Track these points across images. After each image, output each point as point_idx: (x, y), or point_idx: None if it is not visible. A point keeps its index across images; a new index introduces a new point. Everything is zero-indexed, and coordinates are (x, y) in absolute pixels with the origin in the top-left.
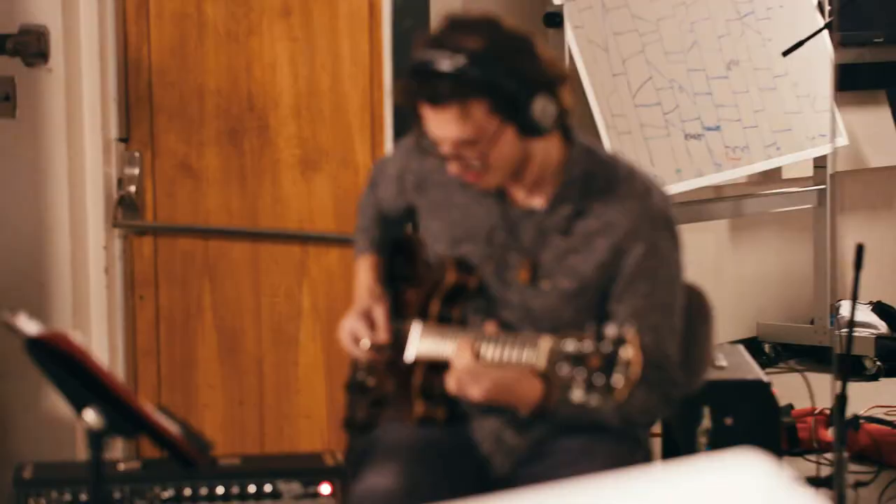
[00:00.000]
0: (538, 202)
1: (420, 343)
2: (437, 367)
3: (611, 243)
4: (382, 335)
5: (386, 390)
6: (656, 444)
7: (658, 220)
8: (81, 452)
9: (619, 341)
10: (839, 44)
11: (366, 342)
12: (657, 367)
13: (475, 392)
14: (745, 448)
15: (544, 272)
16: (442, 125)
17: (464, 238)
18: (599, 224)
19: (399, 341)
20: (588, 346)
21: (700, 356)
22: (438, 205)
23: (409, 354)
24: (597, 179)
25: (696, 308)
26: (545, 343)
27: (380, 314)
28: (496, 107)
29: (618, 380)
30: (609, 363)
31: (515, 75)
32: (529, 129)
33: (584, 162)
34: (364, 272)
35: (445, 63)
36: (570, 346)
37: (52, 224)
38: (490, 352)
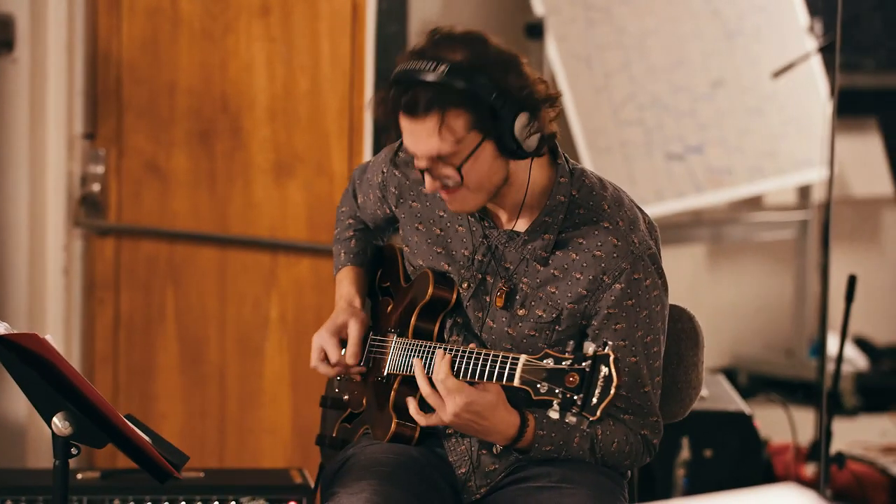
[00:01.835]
0: (520, 225)
1: (395, 357)
2: (411, 383)
3: (590, 278)
4: (351, 358)
5: (360, 405)
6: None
7: (640, 257)
8: (33, 460)
9: (599, 359)
10: (841, 67)
11: (329, 364)
12: (637, 410)
13: (446, 413)
14: (788, 483)
15: (521, 299)
16: (419, 138)
17: (443, 254)
18: (579, 256)
19: (376, 355)
20: (566, 363)
21: (688, 382)
22: (419, 217)
23: (385, 369)
24: (581, 207)
25: (684, 332)
26: (522, 359)
27: (353, 333)
28: (476, 121)
29: (595, 397)
30: (587, 381)
31: (499, 90)
32: (510, 148)
33: (570, 187)
34: (346, 284)
35: (426, 73)
36: (548, 362)
37: (10, 221)
38: (464, 366)
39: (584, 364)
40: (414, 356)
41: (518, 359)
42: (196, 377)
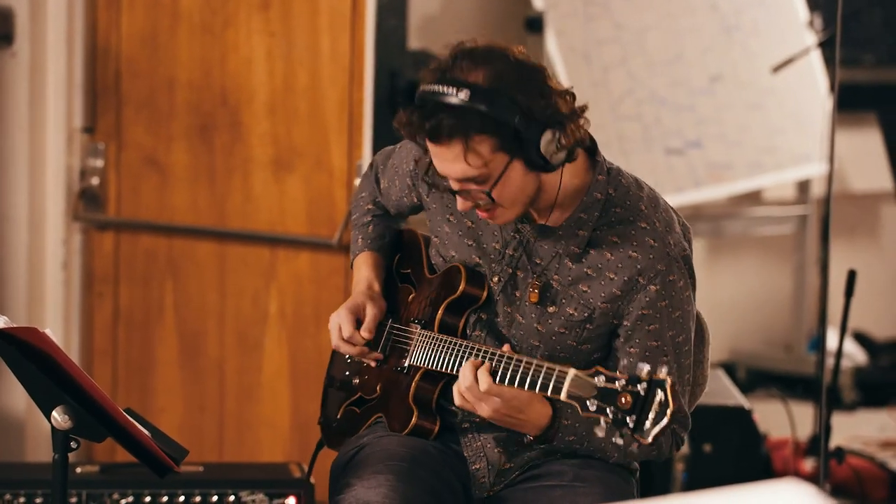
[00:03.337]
0: (554, 220)
1: (419, 350)
2: (433, 377)
3: (624, 279)
4: (366, 334)
5: (373, 391)
6: None
7: (676, 258)
8: (32, 454)
9: (655, 383)
10: (840, 61)
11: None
12: None
13: (484, 410)
14: (790, 479)
15: (552, 296)
16: (446, 162)
17: (474, 247)
18: (614, 257)
19: (396, 344)
20: (619, 382)
21: (694, 379)
22: (451, 209)
23: (407, 360)
24: (617, 206)
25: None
26: (571, 373)
27: (370, 313)
28: (502, 143)
29: (649, 421)
30: (641, 403)
31: (522, 110)
32: (538, 164)
33: (607, 185)
34: (364, 269)
35: (449, 98)
36: (600, 380)
37: (10, 215)
38: (501, 369)
39: (639, 386)
40: (440, 352)
41: (566, 372)
42: (195, 371)
